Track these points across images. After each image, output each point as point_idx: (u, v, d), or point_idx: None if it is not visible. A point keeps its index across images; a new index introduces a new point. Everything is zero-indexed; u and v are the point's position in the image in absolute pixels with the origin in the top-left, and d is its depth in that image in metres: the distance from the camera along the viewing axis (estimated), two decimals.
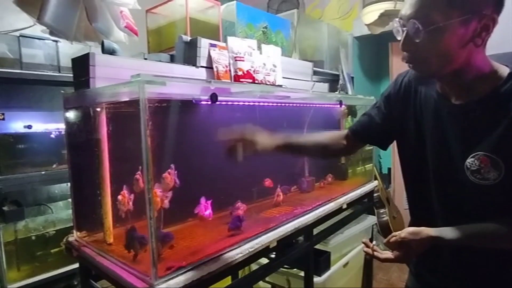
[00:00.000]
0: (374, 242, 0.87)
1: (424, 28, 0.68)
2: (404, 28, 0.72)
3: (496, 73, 0.73)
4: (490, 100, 0.72)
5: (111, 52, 1.06)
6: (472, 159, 0.73)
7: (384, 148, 1.01)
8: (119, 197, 0.94)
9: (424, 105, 0.84)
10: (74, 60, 1.04)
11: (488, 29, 0.68)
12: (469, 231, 0.74)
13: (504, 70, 0.73)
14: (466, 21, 0.66)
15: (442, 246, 0.81)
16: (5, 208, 1.57)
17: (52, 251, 1.73)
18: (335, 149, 1.06)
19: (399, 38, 0.74)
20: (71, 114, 1.10)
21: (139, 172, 0.94)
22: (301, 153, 1.26)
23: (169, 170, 0.91)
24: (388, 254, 0.82)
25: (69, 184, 1.85)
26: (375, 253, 0.84)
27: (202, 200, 1.01)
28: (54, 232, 1.74)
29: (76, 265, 1.68)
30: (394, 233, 0.79)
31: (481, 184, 0.73)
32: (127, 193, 0.94)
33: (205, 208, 0.99)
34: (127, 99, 0.93)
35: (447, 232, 0.75)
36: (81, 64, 0.98)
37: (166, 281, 0.78)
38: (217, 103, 0.99)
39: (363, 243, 0.87)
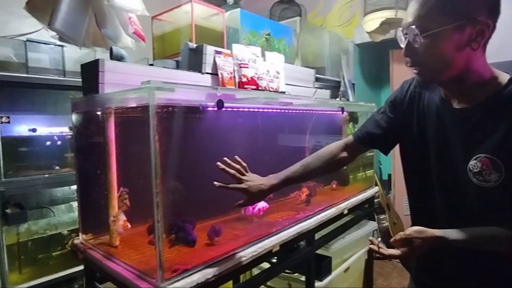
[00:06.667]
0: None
1: (421, 34, 0.73)
2: (406, 36, 0.77)
3: (496, 79, 0.76)
4: (490, 103, 0.75)
5: (119, 58, 1.08)
6: (475, 161, 0.75)
7: (386, 152, 1.03)
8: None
9: (427, 110, 0.87)
10: (83, 66, 1.06)
11: (483, 34, 0.71)
12: (474, 233, 0.75)
13: (504, 76, 0.77)
14: (459, 27, 0.70)
15: (444, 250, 0.82)
16: (8, 211, 1.58)
17: (53, 254, 1.74)
18: (337, 163, 1.06)
19: (402, 46, 0.79)
20: (80, 119, 1.11)
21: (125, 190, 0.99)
22: (305, 181, 1.28)
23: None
24: (393, 250, 0.83)
25: (71, 187, 1.86)
26: (381, 249, 0.85)
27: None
28: (56, 235, 1.75)
29: (77, 268, 1.69)
30: (400, 232, 0.81)
31: (483, 186, 0.74)
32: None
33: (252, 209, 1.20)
34: (136, 105, 0.95)
35: (452, 234, 0.76)
36: (91, 70, 1.00)
37: (172, 283, 0.80)
38: (223, 109, 1.01)
39: (370, 240, 0.89)
